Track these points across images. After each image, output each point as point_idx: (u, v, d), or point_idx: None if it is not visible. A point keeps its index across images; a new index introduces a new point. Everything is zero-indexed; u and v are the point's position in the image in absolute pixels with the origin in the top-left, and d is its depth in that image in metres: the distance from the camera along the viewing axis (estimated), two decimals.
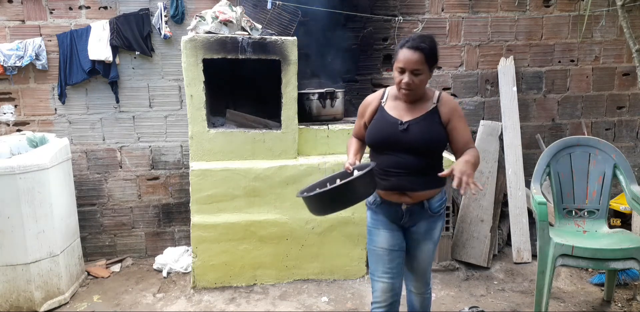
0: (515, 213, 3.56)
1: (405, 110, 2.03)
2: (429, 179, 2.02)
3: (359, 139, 2.22)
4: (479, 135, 3.66)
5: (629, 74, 4.01)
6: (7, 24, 3.35)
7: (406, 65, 1.90)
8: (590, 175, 2.95)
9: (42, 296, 2.87)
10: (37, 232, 2.81)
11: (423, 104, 2.03)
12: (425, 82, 1.98)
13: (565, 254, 2.55)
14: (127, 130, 3.56)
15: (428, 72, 1.96)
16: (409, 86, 1.93)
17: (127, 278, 3.36)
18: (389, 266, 2.10)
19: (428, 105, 2.02)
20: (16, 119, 3.46)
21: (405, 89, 1.94)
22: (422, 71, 1.92)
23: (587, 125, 4.01)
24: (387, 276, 2.09)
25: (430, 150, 2.00)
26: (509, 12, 3.83)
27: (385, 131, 2.02)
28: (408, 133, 1.97)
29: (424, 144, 1.97)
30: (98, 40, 3.34)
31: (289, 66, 3.10)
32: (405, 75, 1.92)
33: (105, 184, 3.61)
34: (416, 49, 1.89)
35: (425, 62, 1.91)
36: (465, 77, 3.88)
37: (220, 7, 3.08)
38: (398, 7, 3.71)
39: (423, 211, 2.07)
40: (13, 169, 2.70)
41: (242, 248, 3.15)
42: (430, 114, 2.00)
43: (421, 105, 2.03)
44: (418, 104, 2.03)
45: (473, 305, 2.90)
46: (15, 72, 3.33)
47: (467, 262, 3.45)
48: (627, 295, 3.01)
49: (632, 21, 3.61)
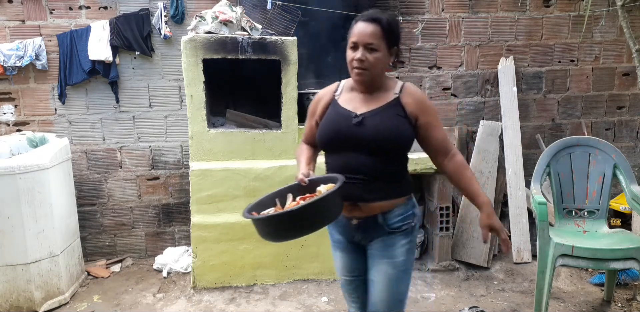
0: (515, 213, 3.56)
1: (361, 102, 1.70)
2: (386, 186, 1.67)
3: (310, 145, 1.89)
4: (479, 135, 3.66)
5: (629, 74, 4.01)
6: (7, 24, 3.35)
7: (359, 38, 1.61)
8: (590, 175, 2.95)
9: (42, 296, 2.87)
10: (37, 232, 2.81)
11: (383, 95, 1.70)
12: (383, 63, 1.66)
13: (565, 254, 2.54)
14: (127, 130, 3.56)
15: (386, 51, 1.64)
16: (361, 63, 1.61)
17: (127, 278, 3.36)
18: (354, 295, 1.86)
19: (389, 95, 1.69)
20: (16, 119, 3.46)
21: (358, 67, 1.62)
22: (378, 47, 1.61)
23: (587, 125, 4.00)
24: (355, 305, 1.88)
25: (389, 148, 1.65)
26: (509, 12, 3.83)
27: (336, 126, 1.69)
28: (363, 127, 1.64)
29: (382, 140, 1.63)
30: (98, 40, 3.34)
31: (289, 66, 3.10)
32: (358, 51, 1.62)
33: (105, 184, 3.61)
34: (371, 20, 1.61)
35: (382, 36, 1.61)
36: (465, 77, 3.88)
37: (220, 7, 3.08)
38: (398, 7, 3.71)
39: (377, 227, 1.70)
40: (13, 169, 2.70)
41: (242, 248, 3.15)
42: (391, 105, 1.67)
43: (381, 96, 1.70)
44: (377, 95, 1.70)
45: (473, 305, 2.90)
46: (15, 72, 3.33)
47: (467, 262, 3.45)
48: (627, 295, 3.01)
49: (632, 21, 3.61)
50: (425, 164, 3.25)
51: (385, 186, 1.67)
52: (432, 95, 3.85)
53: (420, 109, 1.68)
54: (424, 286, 3.19)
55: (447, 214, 3.38)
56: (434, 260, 3.44)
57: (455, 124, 3.88)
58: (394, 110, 1.66)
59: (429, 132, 1.69)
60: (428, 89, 3.85)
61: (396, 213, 1.70)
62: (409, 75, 3.81)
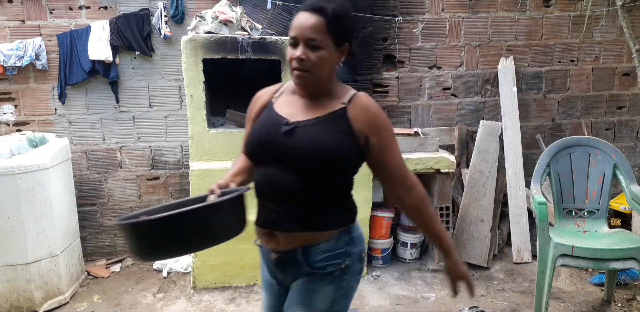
0: (515, 213, 3.56)
1: (300, 108, 1.40)
2: (312, 213, 1.36)
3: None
4: (479, 135, 3.66)
5: (629, 74, 4.01)
6: (7, 24, 3.34)
7: (299, 32, 1.32)
8: (590, 175, 2.95)
9: (42, 296, 2.87)
10: (37, 232, 2.81)
11: (328, 103, 1.38)
12: (329, 64, 1.35)
13: (565, 254, 2.54)
14: (127, 130, 3.56)
15: (333, 49, 1.34)
16: (301, 63, 1.32)
17: (127, 278, 3.36)
18: None
19: (334, 105, 1.38)
20: (16, 119, 3.46)
21: (298, 68, 1.33)
22: (322, 44, 1.31)
23: (587, 125, 4.00)
24: None
25: (320, 166, 1.31)
26: (509, 12, 3.83)
27: (262, 133, 1.39)
28: (292, 138, 1.32)
29: (311, 155, 1.30)
30: (98, 40, 3.34)
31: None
32: (298, 48, 1.33)
33: (105, 184, 3.61)
34: (314, 10, 1.31)
35: (328, 31, 1.31)
36: (465, 77, 3.88)
37: (220, 7, 3.08)
38: (398, 7, 3.71)
39: (297, 265, 1.39)
40: (13, 169, 2.70)
41: (242, 248, 3.15)
42: (333, 117, 1.35)
43: (325, 104, 1.38)
44: (321, 102, 1.39)
45: (473, 305, 2.90)
46: (15, 72, 3.33)
47: (467, 262, 3.45)
48: (627, 295, 3.01)
49: (632, 21, 3.61)
50: (425, 164, 3.25)
51: (311, 214, 1.36)
52: (432, 95, 3.86)
53: (371, 126, 1.34)
54: (424, 286, 3.19)
55: (447, 214, 3.38)
56: (434, 260, 3.45)
57: (455, 124, 3.89)
58: (336, 123, 1.34)
59: (382, 158, 1.36)
60: (428, 89, 3.85)
61: (321, 249, 1.37)
62: (409, 75, 3.81)
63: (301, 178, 1.32)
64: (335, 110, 1.36)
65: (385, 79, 3.80)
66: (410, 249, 3.51)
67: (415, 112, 3.88)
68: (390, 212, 3.44)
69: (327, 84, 1.40)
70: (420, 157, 3.26)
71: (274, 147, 1.34)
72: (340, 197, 1.43)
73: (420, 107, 3.87)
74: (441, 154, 3.31)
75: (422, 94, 3.86)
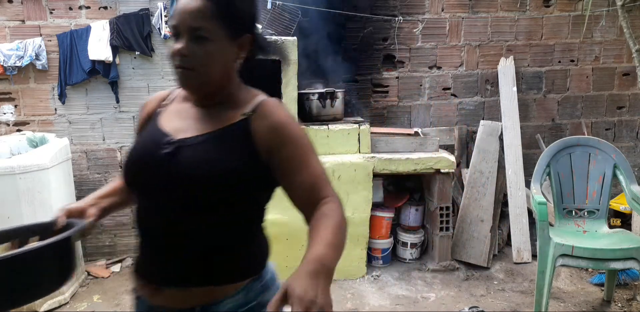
0: (515, 213, 3.56)
1: (191, 120, 1.10)
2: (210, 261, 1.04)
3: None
4: (479, 135, 3.66)
5: (629, 74, 4.01)
6: (7, 24, 3.34)
7: (180, 20, 1.03)
8: (590, 175, 2.95)
9: None
10: None
11: (226, 113, 1.09)
12: (222, 60, 1.06)
13: (565, 254, 2.54)
14: (127, 130, 3.56)
15: (226, 41, 1.05)
16: (183, 59, 1.02)
17: (127, 278, 3.36)
18: None
19: (233, 115, 1.08)
20: (16, 119, 3.46)
21: (179, 65, 1.03)
22: (210, 34, 1.02)
23: (587, 125, 4.00)
24: None
25: (213, 197, 1.01)
26: (509, 12, 3.83)
27: (139, 154, 1.10)
28: (174, 160, 1.02)
29: (199, 183, 1.00)
30: (98, 40, 3.34)
31: (289, 66, 3.09)
32: (180, 40, 1.03)
33: (105, 183, 3.60)
34: None
35: (216, 17, 1.02)
36: (465, 77, 3.88)
37: None
38: (398, 7, 3.71)
39: None
40: (13, 169, 2.70)
41: None
42: (230, 130, 1.06)
43: (222, 114, 1.09)
44: (218, 111, 1.10)
45: (473, 305, 2.90)
46: (15, 72, 3.33)
47: (467, 262, 3.45)
48: (627, 295, 3.01)
49: (632, 21, 3.61)
50: (425, 164, 3.25)
51: (209, 262, 1.03)
52: (432, 95, 3.86)
53: (277, 138, 1.04)
54: (424, 286, 3.19)
55: (447, 214, 3.37)
56: (434, 260, 3.44)
57: (455, 124, 3.89)
58: (233, 138, 1.05)
59: (292, 177, 1.04)
60: (428, 89, 3.85)
61: (228, 306, 1.05)
62: (409, 75, 3.81)
63: (191, 213, 1.01)
64: (233, 123, 1.07)
65: (385, 79, 3.80)
66: (410, 249, 3.51)
67: (415, 112, 3.88)
68: (390, 212, 3.44)
69: (223, 87, 1.10)
70: (420, 157, 3.26)
71: (153, 173, 1.04)
72: (246, 235, 1.10)
73: (420, 107, 3.88)
74: (441, 154, 3.31)
75: (422, 94, 3.86)
